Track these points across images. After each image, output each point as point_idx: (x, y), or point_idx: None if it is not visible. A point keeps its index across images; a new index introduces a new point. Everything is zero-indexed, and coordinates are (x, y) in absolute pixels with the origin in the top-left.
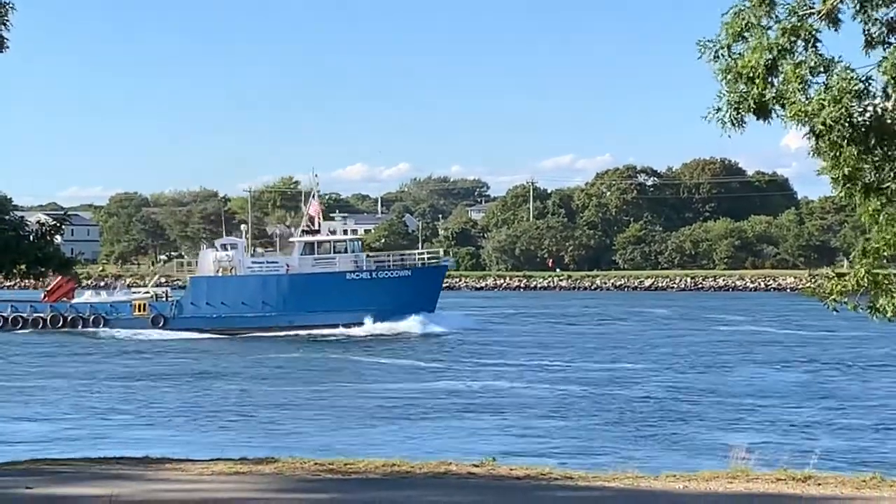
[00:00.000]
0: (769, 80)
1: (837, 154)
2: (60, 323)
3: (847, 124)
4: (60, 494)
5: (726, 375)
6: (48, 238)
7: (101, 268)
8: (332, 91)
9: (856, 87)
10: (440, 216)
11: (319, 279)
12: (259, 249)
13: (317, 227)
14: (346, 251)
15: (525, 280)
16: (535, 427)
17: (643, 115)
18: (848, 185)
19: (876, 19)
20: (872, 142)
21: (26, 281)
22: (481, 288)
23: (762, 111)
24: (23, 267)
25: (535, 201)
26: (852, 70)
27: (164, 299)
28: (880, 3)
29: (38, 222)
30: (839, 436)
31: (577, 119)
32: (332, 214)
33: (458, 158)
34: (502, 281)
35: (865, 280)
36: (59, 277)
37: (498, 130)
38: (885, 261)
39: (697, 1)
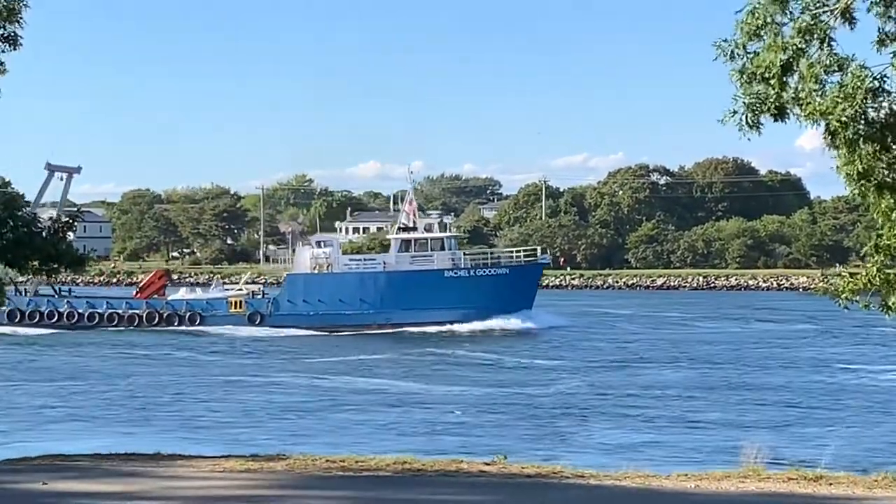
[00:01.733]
0: (784, 80)
1: (853, 151)
2: (156, 320)
3: (862, 122)
4: (75, 490)
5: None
6: (61, 235)
7: (112, 264)
8: (345, 88)
9: (870, 85)
10: (452, 214)
11: (417, 277)
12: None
13: (413, 225)
14: (442, 248)
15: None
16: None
17: (656, 114)
18: (862, 182)
19: (891, 17)
20: (889, 139)
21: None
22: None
23: (780, 113)
24: (35, 263)
25: (547, 200)
26: (867, 68)
27: (260, 296)
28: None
29: (50, 219)
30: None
31: (590, 118)
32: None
33: (470, 157)
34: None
35: (877, 278)
36: (151, 274)
37: (511, 129)
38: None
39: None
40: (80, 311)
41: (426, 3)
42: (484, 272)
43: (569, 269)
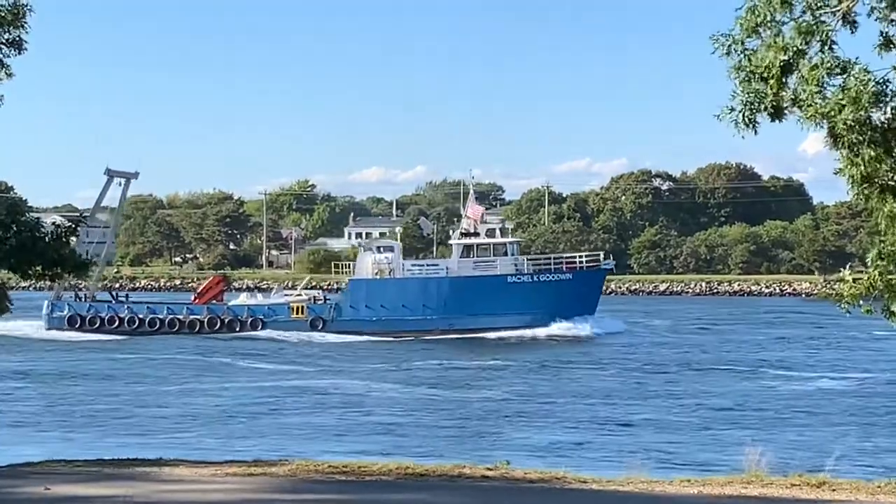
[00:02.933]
0: (784, 80)
1: (856, 155)
2: (218, 325)
3: (866, 126)
4: (78, 495)
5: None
6: (64, 240)
7: (115, 270)
8: (348, 94)
9: (874, 89)
10: (455, 219)
11: (480, 282)
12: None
13: (474, 230)
14: (505, 254)
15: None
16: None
17: (659, 119)
18: (865, 186)
19: (894, 21)
20: (892, 143)
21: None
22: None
23: (777, 112)
24: (38, 268)
25: (550, 205)
26: (869, 72)
27: (321, 302)
28: None
29: (53, 224)
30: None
31: (593, 123)
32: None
33: (474, 162)
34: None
35: (879, 283)
36: (209, 279)
37: (514, 134)
38: None
39: (715, 5)
40: (141, 316)
41: (429, 7)
42: (548, 277)
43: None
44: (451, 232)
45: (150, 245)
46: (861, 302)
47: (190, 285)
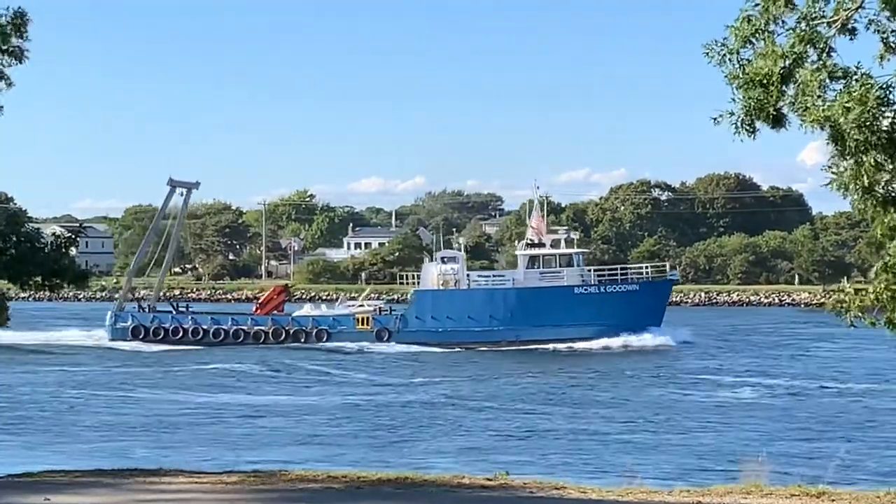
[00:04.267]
0: (783, 88)
1: (858, 161)
2: (283, 336)
3: (873, 128)
4: (60, 502)
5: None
6: (63, 250)
7: (115, 280)
8: (347, 104)
9: (878, 94)
10: (454, 230)
11: (547, 293)
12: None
13: (540, 241)
14: (569, 264)
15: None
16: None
17: (658, 129)
18: (866, 196)
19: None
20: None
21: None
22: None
23: (777, 119)
24: (38, 279)
25: (549, 215)
26: (872, 77)
27: (387, 313)
28: None
29: (53, 234)
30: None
31: (592, 133)
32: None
33: (473, 172)
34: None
35: (885, 295)
36: (271, 290)
37: (513, 145)
38: None
39: (714, 16)
40: (206, 327)
41: (431, 20)
42: (614, 288)
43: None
44: (450, 242)
45: (150, 255)
46: (865, 315)
47: (189, 295)
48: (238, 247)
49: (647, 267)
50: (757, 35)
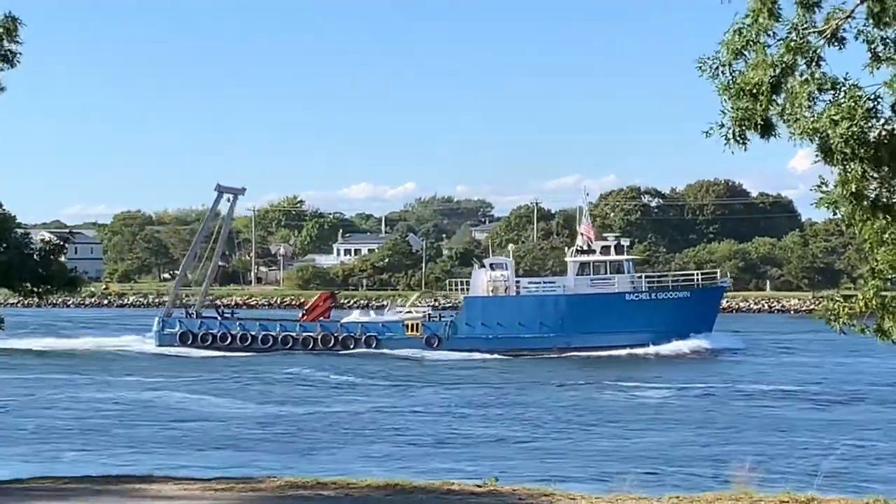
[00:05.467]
0: (773, 97)
1: (845, 170)
2: (332, 343)
3: (861, 141)
4: None
5: None
6: (53, 256)
7: (104, 286)
8: (337, 111)
9: (866, 105)
10: (444, 236)
11: (598, 300)
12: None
13: (589, 248)
14: (619, 271)
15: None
16: None
17: (649, 136)
18: (854, 203)
19: (884, 37)
20: (884, 159)
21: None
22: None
23: (766, 129)
24: (27, 284)
25: (539, 222)
26: (860, 88)
27: (437, 319)
28: (889, 20)
29: (42, 240)
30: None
31: (583, 140)
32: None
33: (463, 179)
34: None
35: (874, 302)
36: (317, 296)
37: (504, 151)
38: (890, 283)
39: (702, 23)
40: (254, 333)
41: (420, 27)
42: (666, 295)
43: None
44: (440, 248)
45: (139, 261)
46: (855, 322)
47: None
48: (227, 253)
49: (697, 274)
50: (748, 47)
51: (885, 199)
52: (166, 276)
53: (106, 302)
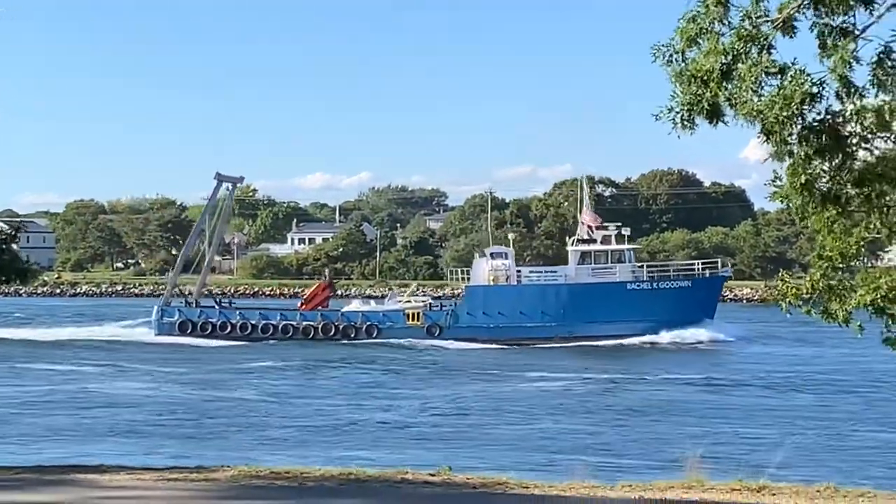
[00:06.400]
0: (724, 84)
1: (789, 155)
2: (332, 332)
3: (798, 123)
4: (15, 502)
5: None
6: (4, 246)
7: (56, 275)
8: (292, 99)
9: (809, 90)
10: (398, 225)
11: (600, 289)
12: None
13: (591, 237)
14: (620, 261)
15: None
16: None
17: (603, 126)
18: (805, 193)
19: (830, 25)
20: (824, 143)
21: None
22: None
23: (714, 114)
24: None
25: (493, 211)
26: (807, 73)
27: (437, 308)
28: (836, 8)
29: None
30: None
31: (538, 129)
32: (290, 224)
33: (419, 168)
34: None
35: (821, 284)
36: (315, 286)
37: (459, 140)
38: (839, 271)
39: (658, 13)
40: (254, 322)
41: (371, 14)
42: (668, 285)
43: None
44: (394, 237)
45: (92, 250)
46: (801, 303)
47: (131, 290)
48: (181, 242)
49: (699, 263)
50: (702, 34)
51: (834, 191)
52: (119, 264)
53: (58, 291)
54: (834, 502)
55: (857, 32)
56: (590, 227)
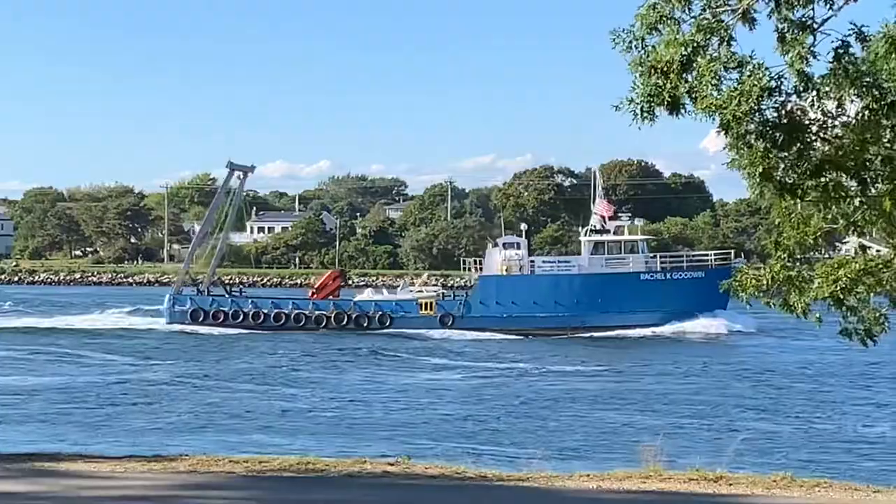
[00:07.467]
0: (683, 75)
1: (747, 148)
2: (345, 321)
3: (756, 118)
4: None
5: None
6: None
7: (14, 263)
8: (252, 85)
9: (767, 84)
10: (358, 214)
11: (613, 279)
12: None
13: (604, 227)
14: (633, 251)
15: (442, 279)
16: None
17: (564, 115)
18: (763, 183)
19: (789, 19)
20: (781, 138)
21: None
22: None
23: (674, 105)
24: None
25: (453, 201)
26: (766, 68)
27: (450, 298)
28: (796, 2)
29: None
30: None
31: (499, 119)
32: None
33: (379, 157)
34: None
35: (781, 275)
36: (326, 275)
37: (419, 129)
38: (797, 261)
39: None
40: (266, 311)
41: (333, 1)
42: (681, 275)
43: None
44: (354, 227)
45: (50, 238)
46: (760, 294)
47: (90, 278)
48: (140, 230)
49: (712, 254)
50: (662, 22)
51: (791, 181)
52: (78, 252)
53: (16, 279)
54: (790, 491)
55: (815, 26)
56: (602, 217)
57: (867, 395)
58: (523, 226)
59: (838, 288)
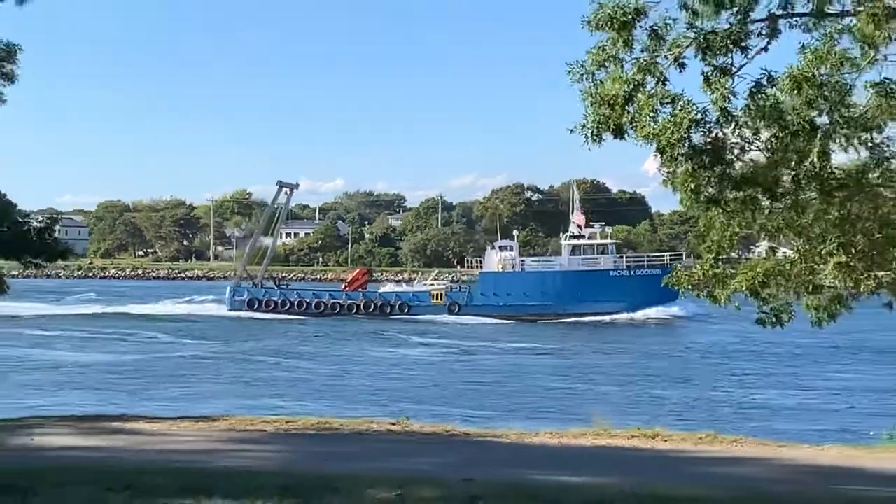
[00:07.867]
0: (626, 107)
1: (677, 168)
2: (371, 309)
3: (686, 144)
4: (60, 445)
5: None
6: (46, 234)
7: (89, 261)
8: (280, 120)
9: (694, 117)
10: (366, 223)
11: (588, 275)
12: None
13: (580, 233)
14: (605, 252)
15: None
16: None
17: (533, 141)
18: (692, 197)
19: (713, 64)
20: (707, 160)
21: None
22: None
23: (618, 132)
24: (28, 257)
25: (442, 212)
26: (693, 103)
27: (457, 290)
28: (717, 52)
29: (37, 220)
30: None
31: (480, 145)
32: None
33: (383, 176)
34: (416, 276)
35: (710, 272)
36: (356, 271)
37: (417, 153)
38: (721, 261)
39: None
40: (308, 300)
41: (351, 33)
42: (642, 272)
43: (459, 267)
44: (363, 233)
45: (118, 241)
46: (691, 287)
47: (150, 274)
48: (191, 235)
49: (667, 255)
50: (609, 61)
51: (716, 195)
52: (140, 253)
53: (91, 274)
54: (712, 446)
55: (734, 71)
56: (579, 225)
57: (765, 368)
58: (515, 232)
59: (756, 283)
